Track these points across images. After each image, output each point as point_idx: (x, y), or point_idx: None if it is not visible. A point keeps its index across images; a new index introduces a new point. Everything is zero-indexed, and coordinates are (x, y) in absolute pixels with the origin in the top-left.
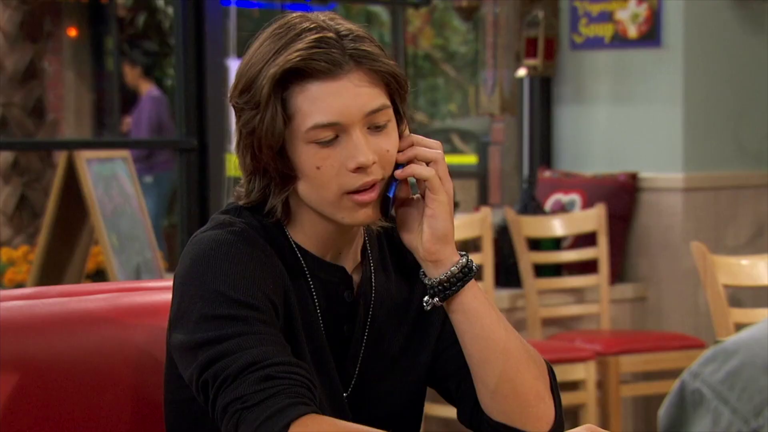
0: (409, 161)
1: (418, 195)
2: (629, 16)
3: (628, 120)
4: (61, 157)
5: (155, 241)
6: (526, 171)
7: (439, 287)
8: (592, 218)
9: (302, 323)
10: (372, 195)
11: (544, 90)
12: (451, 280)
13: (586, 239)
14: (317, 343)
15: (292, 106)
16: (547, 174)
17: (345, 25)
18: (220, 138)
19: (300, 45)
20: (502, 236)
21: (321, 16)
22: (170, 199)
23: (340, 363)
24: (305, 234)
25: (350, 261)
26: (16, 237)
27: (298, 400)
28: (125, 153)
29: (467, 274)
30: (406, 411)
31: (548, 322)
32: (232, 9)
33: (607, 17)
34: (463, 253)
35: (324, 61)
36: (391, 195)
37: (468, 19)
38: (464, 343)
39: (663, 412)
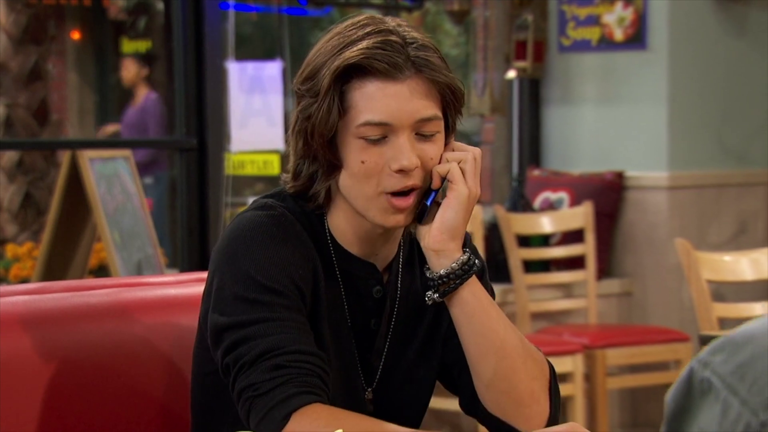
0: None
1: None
2: (615, 20)
3: (614, 120)
4: (64, 157)
5: (156, 237)
6: (515, 170)
7: (439, 281)
8: (580, 216)
9: (328, 313)
10: (409, 201)
11: (533, 91)
12: (451, 275)
13: (574, 236)
14: (342, 335)
15: (348, 99)
16: (535, 173)
17: (412, 33)
18: (219, 138)
19: (365, 44)
20: (493, 233)
21: (392, 22)
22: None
23: (365, 356)
24: (343, 227)
25: (385, 258)
26: (21, 234)
27: (304, 390)
28: (127, 152)
29: (467, 271)
30: (420, 402)
31: (537, 316)
32: (230, 12)
33: (594, 21)
34: (467, 249)
35: (385, 63)
36: (429, 203)
37: (459, 22)
38: (461, 337)
39: (670, 396)
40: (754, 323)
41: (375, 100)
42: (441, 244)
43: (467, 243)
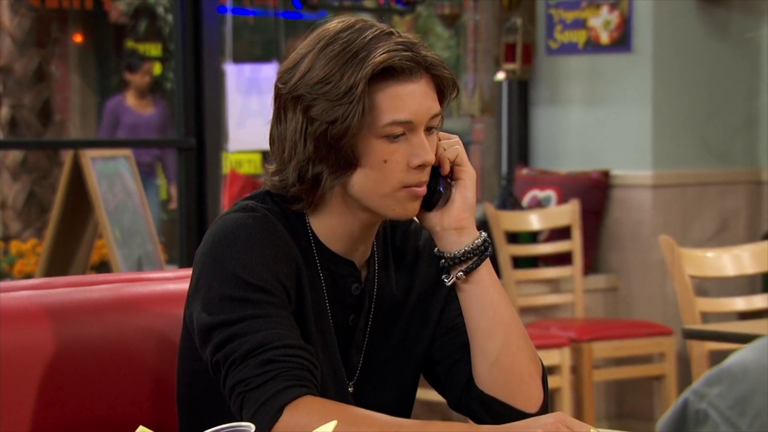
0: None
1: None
2: (601, 23)
3: (600, 121)
4: (67, 156)
5: (156, 234)
6: (504, 169)
7: (462, 258)
8: (567, 213)
9: (312, 309)
10: (424, 189)
11: (521, 92)
12: (475, 251)
13: (561, 233)
14: (325, 330)
15: (371, 101)
16: (524, 171)
17: (407, 34)
18: (217, 137)
19: (388, 46)
20: (482, 230)
21: (382, 24)
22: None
23: (345, 351)
24: (330, 225)
25: (362, 256)
26: (25, 231)
27: (295, 383)
28: (128, 152)
29: (487, 248)
30: (404, 397)
31: (525, 311)
32: (228, 16)
33: (580, 24)
34: (480, 230)
35: (408, 62)
36: (442, 189)
37: (450, 25)
38: (472, 314)
39: (662, 424)
40: (746, 353)
41: (398, 100)
42: (465, 222)
43: None
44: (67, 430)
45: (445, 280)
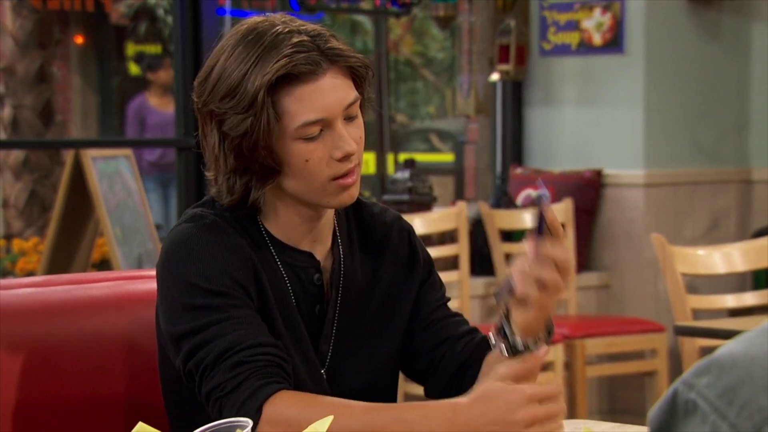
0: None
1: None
2: (594, 25)
3: (593, 121)
4: (68, 156)
5: (155, 233)
6: (499, 168)
7: (513, 351)
8: (560, 212)
9: (276, 305)
10: (354, 178)
11: (515, 93)
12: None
13: None
14: (293, 323)
15: (279, 107)
16: (518, 171)
17: (307, 27)
18: None
19: (285, 51)
20: (477, 228)
21: (282, 18)
22: None
23: (315, 341)
24: (278, 224)
25: (322, 247)
26: (27, 229)
27: (269, 380)
28: (128, 151)
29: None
30: (380, 385)
31: None
32: (227, 18)
33: (573, 26)
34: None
35: (308, 64)
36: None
37: (445, 27)
38: None
39: (653, 414)
40: (735, 344)
41: (305, 101)
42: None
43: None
44: (68, 426)
45: (503, 353)
